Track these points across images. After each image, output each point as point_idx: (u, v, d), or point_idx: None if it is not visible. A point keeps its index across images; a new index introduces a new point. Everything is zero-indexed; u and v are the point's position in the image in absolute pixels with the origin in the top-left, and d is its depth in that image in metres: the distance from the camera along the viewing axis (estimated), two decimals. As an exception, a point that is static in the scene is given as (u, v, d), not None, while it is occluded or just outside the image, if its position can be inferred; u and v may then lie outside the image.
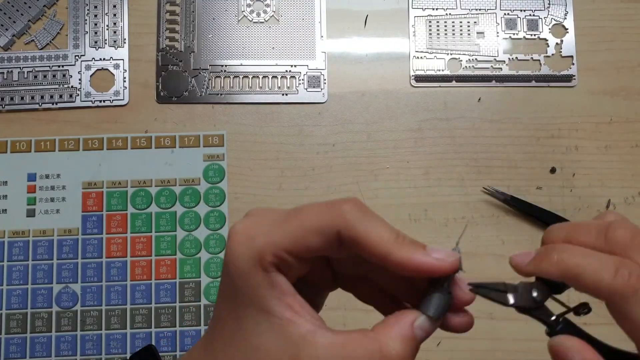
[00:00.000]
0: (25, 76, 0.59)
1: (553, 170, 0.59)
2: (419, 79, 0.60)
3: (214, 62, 0.59)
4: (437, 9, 0.61)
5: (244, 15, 0.61)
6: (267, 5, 0.61)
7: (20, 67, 0.59)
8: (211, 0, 0.61)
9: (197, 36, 0.60)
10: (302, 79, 0.59)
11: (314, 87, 0.59)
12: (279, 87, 0.59)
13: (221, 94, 0.59)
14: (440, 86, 0.60)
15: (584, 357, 0.26)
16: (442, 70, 0.60)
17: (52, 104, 0.58)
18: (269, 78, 0.60)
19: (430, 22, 0.60)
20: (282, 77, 0.60)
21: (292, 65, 0.60)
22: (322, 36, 0.60)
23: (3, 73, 0.58)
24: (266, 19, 0.61)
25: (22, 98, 0.58)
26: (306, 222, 0.26)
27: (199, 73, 0.59)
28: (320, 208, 0.27)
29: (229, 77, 0.59)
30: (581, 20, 0.61)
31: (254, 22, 0.61)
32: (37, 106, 0.58)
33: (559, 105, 0.60)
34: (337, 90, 0.60)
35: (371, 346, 0.26)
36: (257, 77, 0.60)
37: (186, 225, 0.57)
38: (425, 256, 0.26)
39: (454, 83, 0.60)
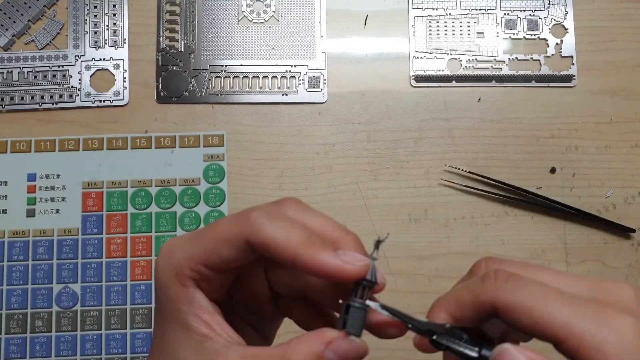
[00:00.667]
0: (25, 76, 0.59)
1: (553, 170, 0.59)
2: (419, 79, 0.60)
3: (214, 62, 0.59)
4: (437, 9, 0.61)
5: (244, 15, 0.61)
6: (267, 5, 0.61)
7: (20, 67, 0.59)
8: (211, 0, 0.61)
9: (197, 36, 0.60)
10: (302, 79, 0.59)
11: (314, 87, 0.59)
12: (279, 87, 0.59)
13: (221, 94, 0.59)
14: (440, 86, 0.60)
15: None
16: (442, 70, 0.60)
17: (52, 104, 0.58)
18: (269, 78, 0.60)
19: (430, 22, 0.60)
20: (282, 77, 0.60)
21: (292, 65, 0.60)
22: (322, 36, 0.60)
23: (3, 73, 0.58)
24: (266, 19, 0.61)
25: (22, 98, 0.58)
26: (217, 233, 0.27)
27: (199, 73, 0.59)
28: (231, 219, 0.27)
29: (229, 77, 0.59)
30: (581, 20, 0.61)
31: (254, 22, 0.61)
32: (37, 106, 0.58)
33: (559, 105, 0.60)
34: (337, 90, 0.60)
35: (280, 351, 0.25)
36: (257, 77, 0.60)
37: (186, 226, 0.57)
38: (333, 258, 0.25)
39: (454, 83, 0.60)
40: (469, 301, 0.25)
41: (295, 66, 0.60)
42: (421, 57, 0.60)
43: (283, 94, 0.59)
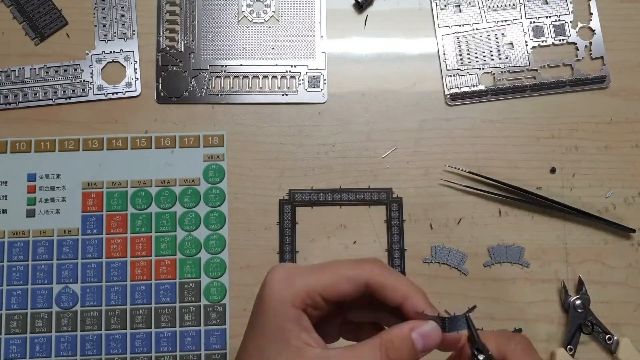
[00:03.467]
0: (37, 73, 0.59)
1: (553, 171, 0.59)
2: (455, 97, 0.59)
3: (214, 62, 0.59)
4: (463, 25, 0.61)
5: (244, 16, 0.61)
6: (267, 6, 0.61)
7: (31, 64, 0.59)
8: (211, 0, 0.61)
9: (197, 36, 0.60)
10: (302, 79, 0.59)
11: (314, 87, 0.59)
12: (279, 87, 0.59)
13: (221, 94, 0.59)
14: (476, 102, 0.59)
15: None
16: (476, 85, 0.59)
17: (66, 99, 0.58)
18: (269, 78, 0.60)
19: (458, 39, 0.60)
20: (282, 77, 0.60)
21: (292, 66, 0.60)
22: (322, 36, 0.60)
23: (15, 71, 0.59)
24: (266, 19, 0.61)
25: (35, 94, 0.58)
26: (340, 271, 0.33)
27: (199, 73, 0.59)
28: (353, 262, 0.34)
29: (229, 77, 0.59)
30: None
31: (254, 22, 0.60)
32: (50, 102, 0.58)
33: (559, 105, 0.60)
34: (337, 90, 0.60)
35: (376, 340, 0.32)
36: (257, 77, 0.60)
37: (186, 226, 0.57)
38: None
39: (489, 97, 0.59)
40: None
41: (295, 66, 0.60)
42: (453, 75, 0.60)
43: (283, 94, 0.59)
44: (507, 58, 0.60)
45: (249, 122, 0.59)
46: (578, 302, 0.55)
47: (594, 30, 0.61)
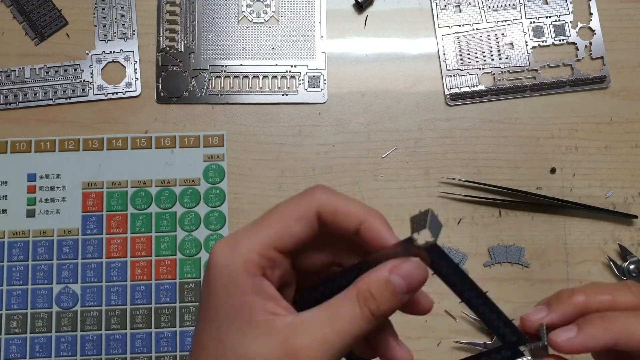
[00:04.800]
0: (37, 73, 0.59)
1: (553, 171, 0.59)
2: (455, 97, 0.59)
3: (214, 62, 0.59)
4: (463, 25, 0.61)
5: (244, 16, 0.61)
6: (267, 6, 0.61)
7: (31, 64, 0.59)
8: (211, 0, 0.61)
9: (197, 36, 0.60)
10: (302, 79, 0.59)
11: (314, 87, 0.59)
12: (279, 88, 0.59)
13: (221, 94, 0.59)
14: (476, 102, 0.59)
15: None
16: (476, 85, 0.59)
17: (66, 99, 0.58)
18: (269, 78, 0.60)
19: (458, 39, 0.60)
20: (282, 77, 0.60)
21: (292, 66, 0.60)
22: (322, 36, 0.60)
23: (15, 71, 0.59)
24: (266, 19, 0.61)
25: (35, 94, 0.58)
26: (286, 212, 0.28)
27: (199, 73, 0.59)
28: (295, 198, 0.29)
29: (229, 77, 0.59)
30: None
31: (254, 23, 0.60)
32: (50, 102, 0.58)
33: (559, 105, 0.60)
34: (337, 90, 0.60)
35: (352, 292, 0.27)
36: (257, 77, 0.59)
37: (186, 226, 0.57)
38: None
39: (489, 97, 0.59)
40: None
41: (295, 66, 0.60)
42: (453, 75, 0.60)
43: (283, 94, 0.59)
44: (507, 58, 0.60)
45: (249, 122, 0.59)
46: (632, 266, 0.55)
47: (594, 30, 0.61)
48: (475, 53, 0.60)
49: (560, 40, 0.60)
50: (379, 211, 0.29)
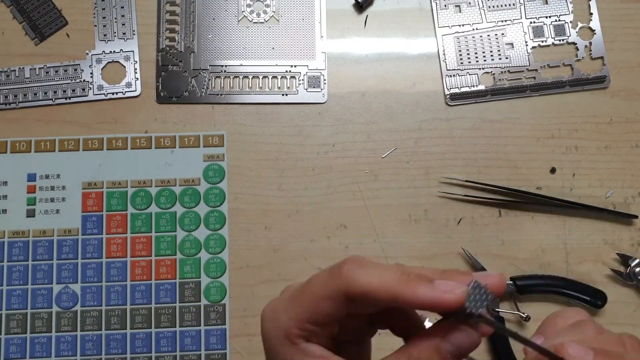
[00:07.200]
0: (37, 73, 0.59)
1: (553, 171, 0.59)
2: (455, 97, 0.59)
3: (214, 62, 0.59)
4: (463, 25, 0.61)
5: (244, 16, 0.61)
6: (267, 6, 0.61)
7: (31, 64, 0.59)
8: (211, 0, 0.61)
9: (197, 36, 0.60)
10: (302, 79, 0.59)
11: (314, 87, 0.59)
12: (279, 87, 0.59)
13: (221, 94, 0.59)
14: (476, 101, 0.59)
15: None
16: (476, 85, 0.59)
17: (66, 99, 0.58)
18: (269, 78, 0.60)
19: (458, 39, 0.60)
20: (282, 77, 0.60)
21: (292, 66, 0.60)
22: (322, 36, 0.60)
23: (15, 71, 0.59)
24: (266, 19, 0.61)
25: (35, 94, 0.58)
26: (315, 292, 0.28)
27: (199, 73, 0.59)
28: (324, 276, 0.28)
29: (229, 77, 0.59)
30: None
31: (254, 22, 0.60)
32: (50, 102, 0.58)
33: (559, 105, 0.60)
34: (337, 90, 0.60)
35: (402, 357, 0.27)
36: (257, 77, 0.59)
37: (186, 226, 0.57)
38: (431, 290, 0.26)
39: (489, 97, 0.59)
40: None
41: (295, 66, 0.60)
42: (453, 75, 0.60)
43: (283, 94, 0.59)
44: (507, 58, 0.60)
45: (249, 122, 0.59)
46: (638, 269, 0.55)
47: (594, 30, 0.61)
48: (475, 53, 0.60)
49: (560, 40, 0.60)
50: (414, 274, 0.27)
